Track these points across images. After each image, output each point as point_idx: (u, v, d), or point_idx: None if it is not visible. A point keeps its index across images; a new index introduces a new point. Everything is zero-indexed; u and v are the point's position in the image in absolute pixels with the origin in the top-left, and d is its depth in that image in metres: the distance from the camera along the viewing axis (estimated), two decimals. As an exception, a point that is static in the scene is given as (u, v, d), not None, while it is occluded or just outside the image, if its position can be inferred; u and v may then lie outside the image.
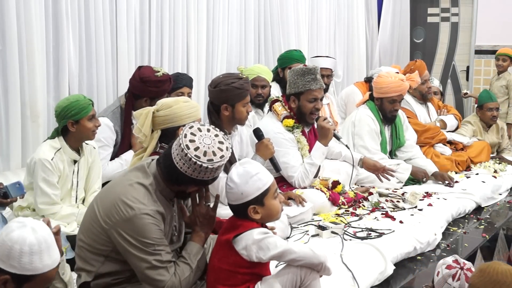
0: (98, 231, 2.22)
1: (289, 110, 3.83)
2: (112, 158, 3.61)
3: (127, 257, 2.20)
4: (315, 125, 3.89)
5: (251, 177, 2.20)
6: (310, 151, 3.80)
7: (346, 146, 3.98)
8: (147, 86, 3.56)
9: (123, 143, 3.64)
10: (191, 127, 2.21)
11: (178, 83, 3.97)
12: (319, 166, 3.80)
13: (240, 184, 2.20)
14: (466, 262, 2.46)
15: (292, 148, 3.77)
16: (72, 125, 3.06)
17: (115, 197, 2.21)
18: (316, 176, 3.81)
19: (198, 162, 2.13)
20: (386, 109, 4.50)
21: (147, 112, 2.77)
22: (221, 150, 2.19)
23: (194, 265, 2.28)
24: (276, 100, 3.91)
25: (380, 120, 4.55)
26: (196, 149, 2.14)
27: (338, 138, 3.91)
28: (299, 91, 3.73)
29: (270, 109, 3.94)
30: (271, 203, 2.25)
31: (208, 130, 2.23)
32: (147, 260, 2.17)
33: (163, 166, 2.24)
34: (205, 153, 2.15)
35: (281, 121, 3.80)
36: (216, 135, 2.23)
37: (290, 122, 3.79)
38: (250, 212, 2.22)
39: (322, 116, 3.84)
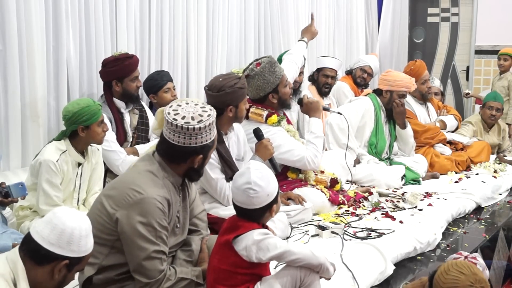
0: (104, 220, 2.26)
1: (265, 109, 3.74)
2: None
3: (127, 246, 2.23)
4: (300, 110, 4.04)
5: (269, 177, 2.26)
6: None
7: (339, 113, 4.17)
8: (108, 68, 3.72)
9: (119, 130, 3.74)
10: (170, 106, 2.34)
11: (161, 80, 4.10)
12: (323, 138, 3.85)
13: (265, 187, 2.23)
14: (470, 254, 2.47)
15: (286, 136, 3.77)
16: (82, 130, 3.07)
17: (124, 186, 2.28)
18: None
19: (190, 127, 2.25)
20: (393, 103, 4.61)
21: (160, 111, 2.90)
22: (205, 111, 2.32)
23: (180, 275, 2.33)
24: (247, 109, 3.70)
25: (380, 113, 4.63)
26: (183, 117, 2.27)
27: (327, 109, 4.12)
28: (276, 85, 3.69)
29: (246, 118, 3.70)
30: (279, 200, 2.35)
31: (187, 103, 2.34)
32: (146, 250, 2.20)
33: (162, 150, 2.34)
34: (192, 118, 2.28)
35: (265, 121, 3.72)
36: (196, 104, 2.35)
37: (274, 118, 3.73)
38: (271, 211, 2.29)
39: (304, 95, 3.95)
